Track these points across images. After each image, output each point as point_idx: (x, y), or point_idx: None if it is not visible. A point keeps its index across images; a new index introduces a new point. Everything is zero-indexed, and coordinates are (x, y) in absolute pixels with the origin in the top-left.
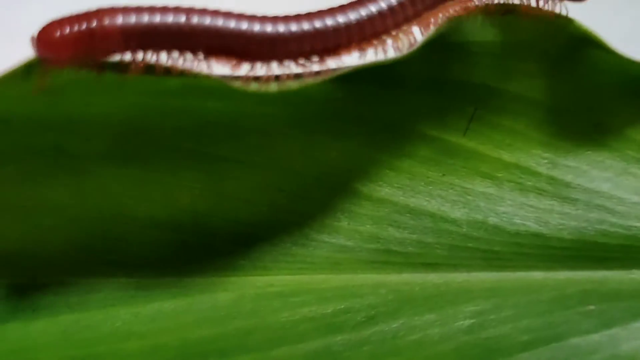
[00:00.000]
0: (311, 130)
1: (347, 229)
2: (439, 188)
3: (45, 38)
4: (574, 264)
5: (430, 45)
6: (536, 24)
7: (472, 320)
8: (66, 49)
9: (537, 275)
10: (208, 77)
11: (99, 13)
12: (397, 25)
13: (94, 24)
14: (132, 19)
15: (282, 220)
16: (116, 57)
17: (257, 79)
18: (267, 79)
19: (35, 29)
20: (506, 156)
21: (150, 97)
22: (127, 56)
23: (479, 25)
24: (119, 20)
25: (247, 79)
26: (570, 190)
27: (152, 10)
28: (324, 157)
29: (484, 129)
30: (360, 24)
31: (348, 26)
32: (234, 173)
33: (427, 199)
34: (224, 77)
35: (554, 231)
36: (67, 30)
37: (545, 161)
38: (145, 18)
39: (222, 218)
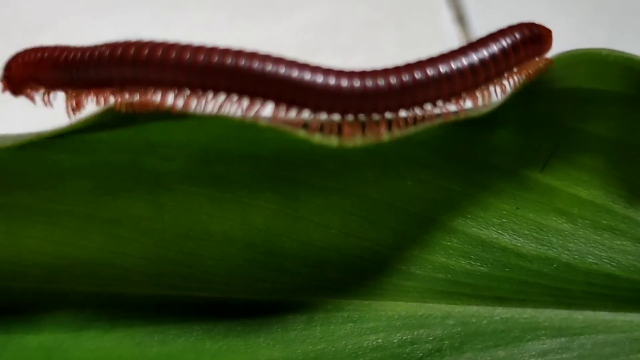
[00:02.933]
0: (387, 158)
1: (418, 257)
2: (512, 221)
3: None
4: None
5: (517, 93)
6: (622, 71)
7: (537, 359)
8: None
9: (605, 315)
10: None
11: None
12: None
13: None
14: None
15: (353, 245)
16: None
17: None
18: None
19: None
20: (583, 193)
21: (230, 129)
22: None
23: (563, 73)
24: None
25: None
26: None
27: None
28: (398, 185)
29: (562, 165)
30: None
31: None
32: (309, 196)
33: (499, 231)
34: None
35: (626, 272)
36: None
37: (622, 200)
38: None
39: (294, 239)
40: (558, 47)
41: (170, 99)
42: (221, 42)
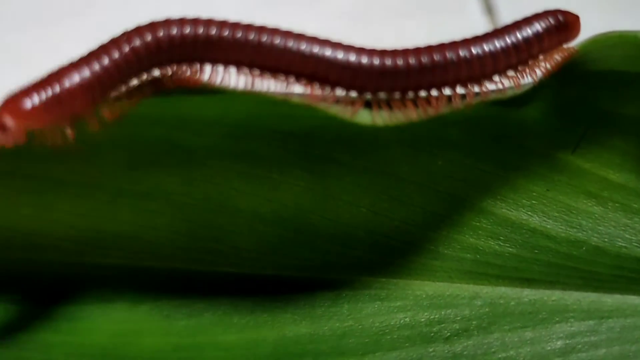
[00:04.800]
0: (418, 138)
1: (446, 237)
2: (542, 203)
3: (15, 110)
4: None
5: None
6: None
7: (565, 342)
8: (40, 118)
9: (634, 299)
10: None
11: (59, 74)
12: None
13: (57, 89)
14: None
15: (381, 223)
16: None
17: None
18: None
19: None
20: (613, 176)
21: (261, 106)
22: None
23: (598, 56)
24: (84, 75)
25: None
26: None
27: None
28: (428, 165)
29: (593, 148)
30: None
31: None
32: (338, 174)
33: (529, 213)
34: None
35: None
36: (35, 100)
37: None
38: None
39: (322, 217)
40: (588, 34)
41: (205, 74)
42: None
